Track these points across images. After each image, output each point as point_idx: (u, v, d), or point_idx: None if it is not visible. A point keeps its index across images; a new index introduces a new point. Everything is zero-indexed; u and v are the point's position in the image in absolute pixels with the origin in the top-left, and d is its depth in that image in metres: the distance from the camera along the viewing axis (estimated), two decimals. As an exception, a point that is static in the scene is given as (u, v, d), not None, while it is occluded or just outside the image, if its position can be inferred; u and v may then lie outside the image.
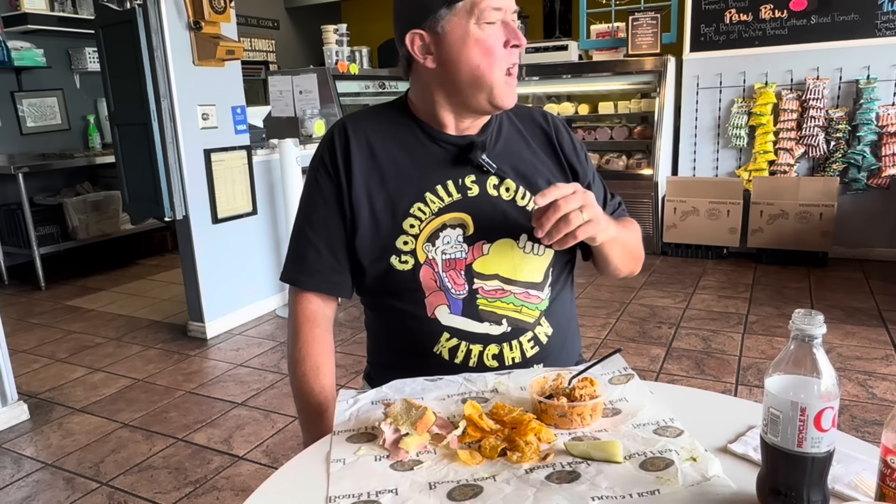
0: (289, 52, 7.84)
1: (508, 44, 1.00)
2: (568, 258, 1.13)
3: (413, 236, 1.04)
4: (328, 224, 1.07)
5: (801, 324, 0.64)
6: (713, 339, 3.10)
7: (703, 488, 0.72)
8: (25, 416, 2.57)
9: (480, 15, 0.98)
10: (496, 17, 0.99)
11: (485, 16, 0.98)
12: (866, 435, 2.19)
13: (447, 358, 1.05)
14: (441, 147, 1.08)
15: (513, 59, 1.02)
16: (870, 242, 4.33)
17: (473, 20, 0.99)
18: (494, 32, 1.00)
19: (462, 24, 0.99)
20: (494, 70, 1.00)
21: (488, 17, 0.98)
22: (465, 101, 1.05)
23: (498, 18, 0.99)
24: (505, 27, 1.00)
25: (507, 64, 1.01)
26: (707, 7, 4.48)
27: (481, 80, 1.01)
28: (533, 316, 1.08)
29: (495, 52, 1.00)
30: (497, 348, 1.06)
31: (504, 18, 1.00)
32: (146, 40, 2.95)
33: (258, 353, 3.17)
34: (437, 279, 1.04)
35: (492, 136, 1.10)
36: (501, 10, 0.99)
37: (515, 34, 1.01)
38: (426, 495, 0.73)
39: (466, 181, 1.06)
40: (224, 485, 2.09)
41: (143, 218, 3.44)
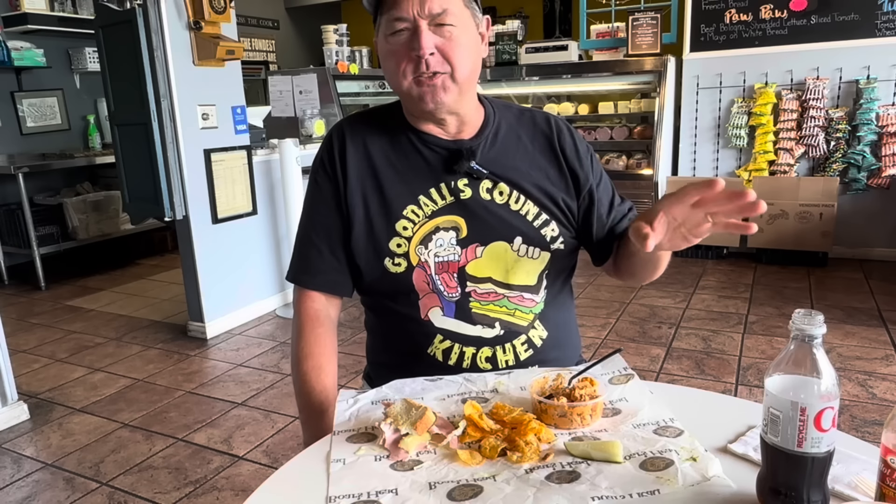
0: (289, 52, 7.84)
1: (412, 53, 0.98)
2: (566, 262, 1.12)
3: (406, 239, 1.05)
4: (328, 224, 1.09)
5: (801, 324, 0.64)
6: (713, 339, 3.10)
7: (703, 488, 0.72)
8: (25, 416, 2.57)
9: (387, 27, 1.00)
10: (400, 26, 0.98)
11: (389, 27, 0.99)
12: (866, 435, 2.19)
13: (441, 359, 1.06)
14: (433, 151, 1.07)
15: (420, 68, 0.98)
16: (870, 242, 4.33)
17: (384, 32, 1.01)
18: (399, 43, 0.99)
19: (381, 37, 1.02)
20: (400, 79, 1.01)
21: (391, 29, 0.99)
22: (406, 106, 1.08)
23: (403, 27, 0.98)
24: (412, 36, 0.98)
25: (414, 72, 0.99)
26: (707, 7, 4.48)
27: (396, 89, 1.04)
28: (526, 319, 1.08)
29: (397, 62, 1.00)
30: (490, 351, 1.06)
31: (415, 27, 0.97)
32: (146, 40, 2.95)
33: (258, 353, 3.17)
34: (429, 281, 1.05)
35: (487, 140, 1.09)
36: (405, 19, 0.97)
37: (416, 43, 0.97)
38: (426, 495, 0.73)
39: (459, 184, 1.06)
40: (224, 485, 2.09)
41: (143, 218, 3.44)
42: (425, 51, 0.97)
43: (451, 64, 0.99)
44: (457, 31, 0.99)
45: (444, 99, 1.01)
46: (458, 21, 0.99)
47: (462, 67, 1.00)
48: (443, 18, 0.97)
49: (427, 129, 1.08)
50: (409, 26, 0.98)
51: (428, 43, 0.97)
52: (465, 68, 1.01)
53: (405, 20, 0.97)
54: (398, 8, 0.97)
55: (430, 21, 0.97)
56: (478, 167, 1.06)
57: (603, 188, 1.15)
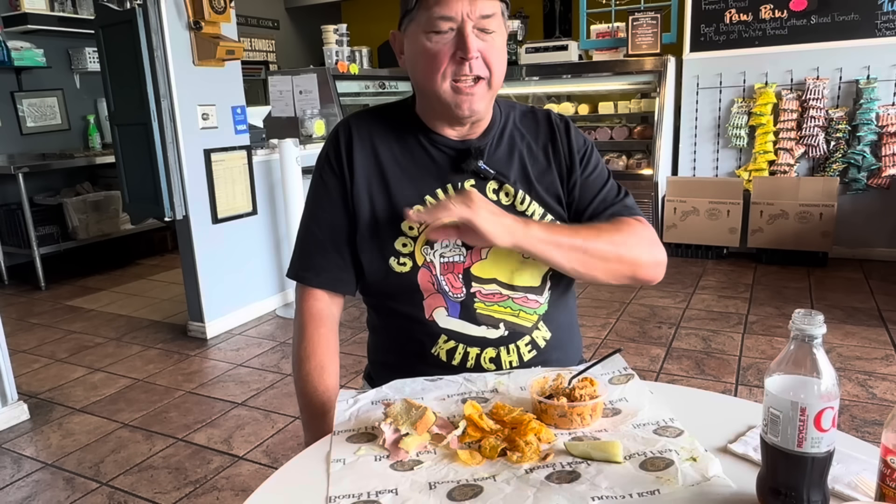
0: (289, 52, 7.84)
1: (455, 55, 0.96)
2: None
3: (412, 239, 1.05)
4: (333, 221, 1.08)
5: (801, 324, 0.64)
6: (713, 339, 3.10)
7: (703, 488, 0.72)
8: (25, 416, 2.57)
9: (427, 24, 0.96)
10: (445, 27, 0.95)
11: (432, 25, 0.96)
12: (866, 435, 2.19)
13: (445, 360, 1.06)
14: (441, 151, 1.07)
15: (462, 71, 0.97)
16: (870, 242, 4.33)
17: (423, 28, 0.97)
18: (441, 42, 0.96)
19: (415, 32, 0.99)
20: (437, 81, 0.98)
21: (435, 27, 0.96)
22: (432, 106, 1.05)
23: (449, 27, 0.95)
24: (457, 37, 0.96)
25: (455, 75, 0.97)
26: (707, 7, 4.48)
27: (427, 89, 1.01)
28: (531, 320, 1.08)
29: (437, 63, 0.97)
30: (494, 352, 1.06)
31: (461, 27, 0.95)
32: (146, 40, 2.95)
33: (258, 353, 3.17)
34: (434, 282, 1.05)
35: (493, 140, 1.08)
36: (453, 19, 0.95)
37: (463, 45, 0.95)
38: (426, 495, 0.73)
39: (465, 185, 1.06)
40: (224, 485, 2.09)
41: (143, 218, 3.44)
42: (472, 54, 0.95)
43: (491, 69, 0.99)
44: (497, 38, 0.98)
45: (478, 107, 1.01)
46: (498, 26, 0.98)
47: (499, 73, 1.00)
48: (488, 23, 0.96)
49: (439, 128, 1.07)
50: (455, 26, 0.95)
51: (475, 45, 0.96)
52: (501, 74, 1.01)
53: (452, 20, 0.95)
54: (446, 6, 0.94)
55: (475, 23, 0.95)
56: (485, 167, 1.05)
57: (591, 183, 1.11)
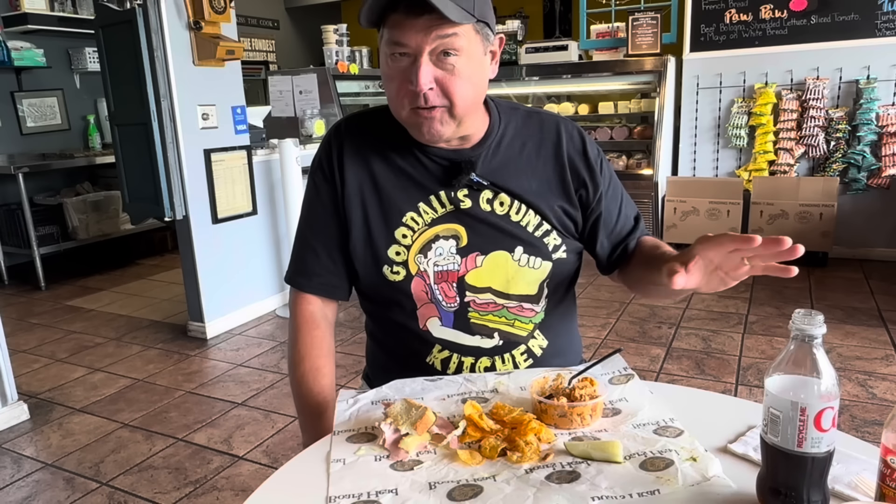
0: (289, 52, 7.84)
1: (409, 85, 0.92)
2: (568, 271, 1.09)
3: (405, 247, 1.03)
4: (325, 226, 1.07)
5: (801, 324, 0.64)
6: (713, 339, 3.10)
7: (703, 488, 0.72)
8: (25, 416, 2.57)
9: (388, 45, 0.93)
10: (399, 52, 0.92)
11: (389, 47, 0.93)
12: (866, 435, 2.19)
13: (440, 369, 1.06)
14: (433, 161, 1.04)
15: (417, 101, 0.93)
16: (870, 242, 4.33)
17: (385, 49, 0.94)
18: (398, 67, 0.93)
19: (383, 50, 0.96)
20: (398, 108, 0.96)
21: (391, 50, 0.93)
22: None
23: (402, 52, 0.92)
24: (412, 66, 0.91)
25: (411, 104, 0.94)
26: (707, 7, 4.48)
27: (394, 113, 0.99)
28: (526, 329, 1.07)
29: (395, 88, 0.95)
30: (489, 361, 1.06)
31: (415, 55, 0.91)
32: (146, 40, 2.95)
33: (258, 353, 3.17)
34: (428, 291, 1.04)
35: (489, 149, 1.05)
36: (406, 46, 0.91)
37: (414, 77, 0.91)
38: (426, 495, 0.73)
39: (459, 195, 1.03)
40: (224, 485, 2.09)
41: (143, 218, 3.43)
42: (423, 87, 0.91)
43: (451, 99, 0.94)
44: (460, 62, 0.92)
45: (441, 131, 0.96)
46: (465, 48, 0.92)
47: (462, 101, 0.94)
48: (451, 42, 0.91)
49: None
50: (410, 53, 0.92)
51: (426, 79, 0.91)
52: (466, 102, 0.95)
53: (406, 47, 0.91)
54: (401, 32, 0.90)
55: (432, 51, 0.91)
56: (478, 179, 1.02)
57: (612, 196, 1.10)
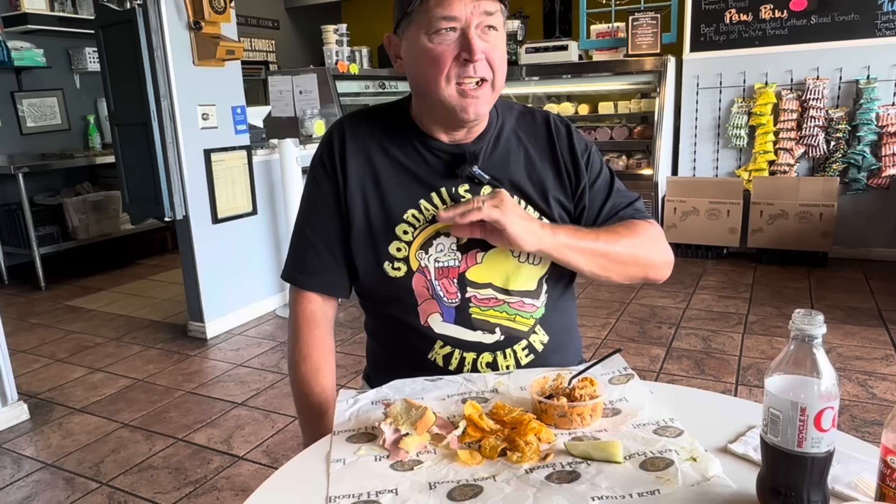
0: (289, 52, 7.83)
1: (460, 57, 0.94)
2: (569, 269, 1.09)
3: (406, 243, 1.04)
4: (326, 224, 1.07)
5: (801, 324, 0.64)
6: (713, 339, 3.10)
7: (703, 488, 0.72)
8: (25, 416, 2.57)
9: (430, 26, 0.93)
10: (447, 27, 0.93)
11: (434, 26, 0.93)
12: (866, 435, 2.19)
13: (441, 365, 1.06)
14: (435, 156, 1.05)
15: (467, 73, 0.95)
16: (870, 242, 4.33)
17: (423, 30, 0.94)
18: (444, 44, 0.94)
19: (415, 34, 0.96)
20: (440, 84, 0.96)
21: (438, 27, 0.93)
22: (432, 110, 1.03)
23: (451, 27, 0.93)
24: (461, 38, 0.93)
25: (458, 77, 0.95)
26: (707, 7, 4.48)
27: (429, 91, 0.99)
28: (527, 324, 1.07)
29: (441, 65, 0.94)
30: (490, 356, 1.06)
31: (464, 28, 0.93)
32: (146, 40, 2.95)
33: (258, 353, 3.17)
34: (429, 287, 1.04)
35: (488, 144, 1.07)
36: (456, 20, 0.92)
37: (468, 47, 0.93)
38: (426, 495, 0.73)
39: (460, 190, 1.05)
40: (224, 485, 2.09)
41: (143, 218, 3.43)
42: (478, 55, 0.93)
43: (494, 70, 0.97)
44: (499, 37, 0.96)
45: (482, 111, 0.99)
46: (500, 26, 0.97)
47: (501, 74, 0.98)
48: (491, 20, 0.94)
49: (434, 132, 1.05)
50: (458, 27, 0.93)
51: (480, 46, 0.93)
52: (503, 75, 0.99)
53: (455, 20, 0.92)
54: (448, 6, 0.92)
55: (478, 24, 0.93)
56: (480, 172, 1.04)
57: (598, 189, 1.12)
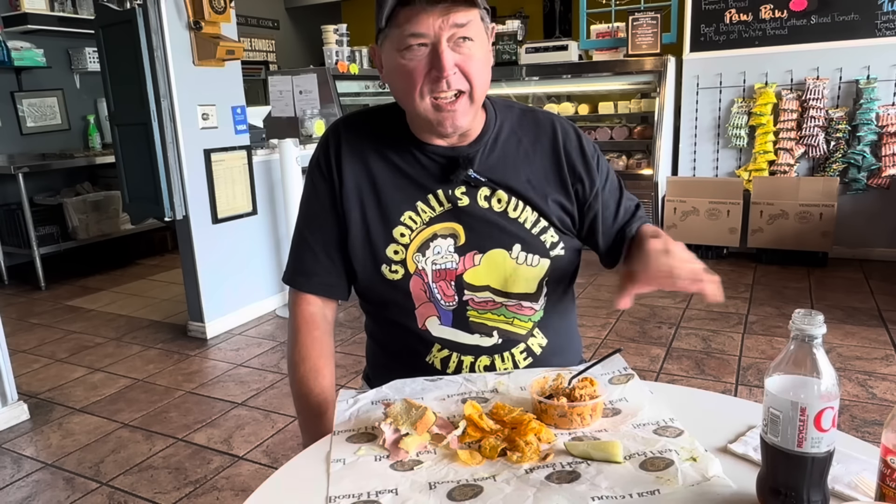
0: (289, 52, 7.83)
1: (431, 73, 0.93)
2: (567, 269, 1.10)
3: (403, 246, 1.04)
4: (323, 226, 1.08)
5: (801, 324, 0.64)
6: (713, 339, 3.10)
7: (703, 488, 0.72)
8: (25, 416, 2.57)
9: (400, 42, 0.93)
10: (416, 43, 0.92)
11: (404, 42, 0.93)
12: (866, 435, 2.19)
13: (439, 368, 1.06)
14: (431, 159, 1.05)
15: (440, 88, 0.93)
16: (870, 242, 4.33)
17: (395, 46, 0.94)
18: (415, 59, 0.93)
19: (389, 49, 0.96)
20: (415, 99, 0.95)
21: (405, 44, 0.93)
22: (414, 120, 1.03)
23: (420, 43, 0.92)
24: (431, 54, 0.92)
25: (432, 93, 0.94)
26: (707, 7, 4.48)
27: (407, 105, 0.99)
28: (525, 328, 1.07)
29: (413, 81, 0.94)
30: (488, 360, 1.06)
31: (435, 42, 0.92)
32: (146, 40, 2.95)
33: (258, 353, 3.17)
34: (426, 290, 1.04)
35: (486, 146, 1.05)
36: (424, 36, 0.91)
37: (437, 63, 0.92)
38: (426, 495, 0.73)
39: (457, 192, 1.04)
40: (224, 485, 2.09)
41: (143, 218, 3.43)
42: (448, 71, 0.92)
43: (471, 82, 0.95)
44: (475, 47, 0.95)
45: (461, 123, 0.98)
46: (476, 35, 0.95)
47: (480, 85, 0.97)
48: (465, 31, 0.93)
49: (428, 138, 1.05)
50: (429, 42, 0.92)
51: (450, 62, 0.92)
52: (483, 85, 0.97)
53: (424, 36, 0.92)
54: (416, 23, 0.91)
55: (450, 37, 0.92)
56: (475, 175, 1.03)
57: (609, 191, 1.12)
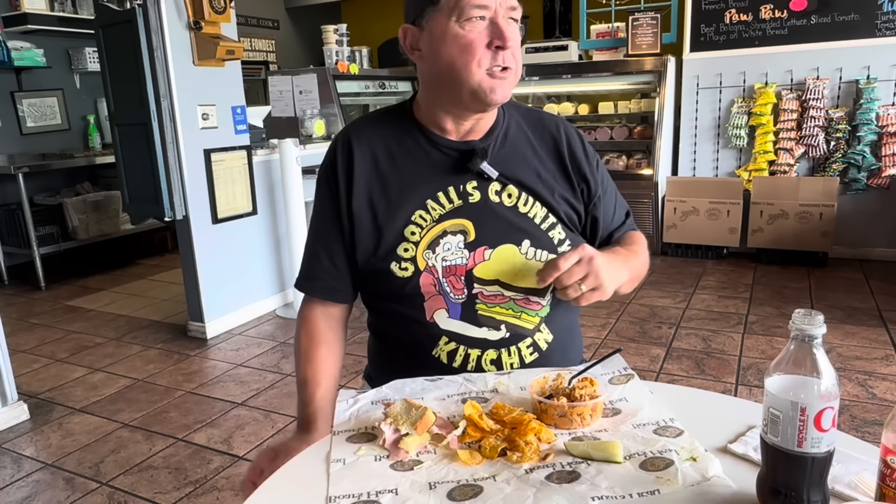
0: (289, 52, 7.83)
1: (492, 44, 0.97)
2: None
3: (414, 243, 1.04)
4: (328, 233, 1.09)
5: (801, 324, 0.64)
6: (713, 339, 3.10)
7: (703, 488, 0.72)
8: (25, 416, 2.57)
9: (461, 13, 0.96)
10: (478, 15, 0.96)
11: (465, 13, 0.96)
12: (866, 435, 2.19)
13: (445, 361, 1.06)
14: (442, 153, 1.07)
15: (496, 60, 0.97)
16: (870, 242, 4.33)
17: (454, 18, 0.97)
18: (475, 31, 0.97)
19: (443, 21, 0.98)
20: (471, 68, 0.97)
21: (469, 15, 0.96)
22: (452, 98, 1.03)
23: (481, 16, 0.96)
24: (491, 27, 0.97)
25: (489, 64, 0.97)
26: (707, 7, 4.48)
27: (458, 77, 0.99)
28: (532, 322, 1.08)
29: (472, 51, 0.97)
30: (495, 353, 1.06)
31: (493, 17, 0.96)
32: (146, 40, 2.95)
33: (258, 353, 3.17)
34: (436, 284, 1.04)
35: (496, 140, 1.08)
36: (487, 8, 0.96)
37: (499, 34, 0.96)
38: (426, 495, 0.73)
39: (468, 187, 1.06)
40: (224, 485, 2.09)
41: (143, 218, 3.43)
42: (509, 42, 0.96)
43: (516, 60, 1.00)
44: (519, 32, 1.00)
45: (507, 93, 1.01)
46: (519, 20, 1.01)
47: (521, 65, 1.02)
48: (515, 14, 0.98)
49: (441, 130, 1.06)
50: (488, 16, 0.96)
51: (512, 34, 0.97)
52: (520, 69, 1.02)
53: (486, 9, 0.96)
54: None
55: (504, 13, 0.97)
56: (489, 168, 1.05)
57: (608, 196, 1.16)
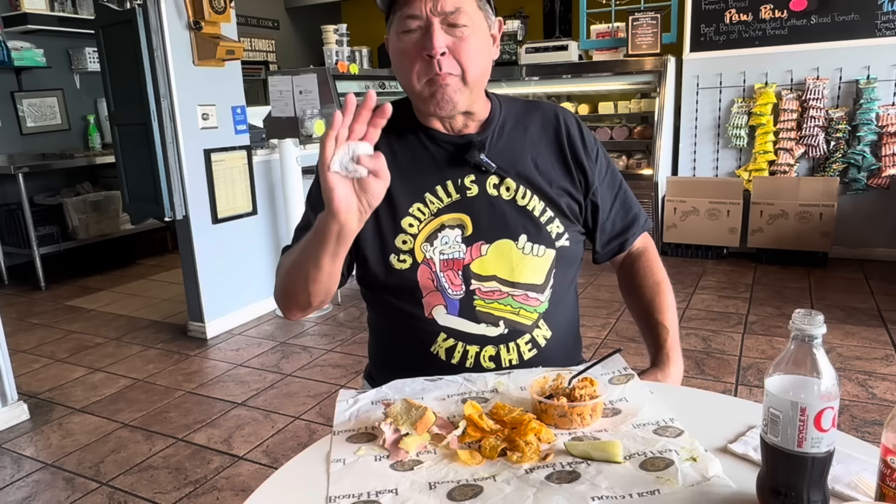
0: (289, 52, 7.83)
1: (422, 53, 0.97)
2: (571, 260, 1.11)
3: (412, 236, 1.05)
4: None
5: (801, 324, 0.64)
6: (713, 339, 3.10)
7: (703, 488, 0.72)
8: (25, 416, 2.57)
9: (399, 24, 0.98)
10: (412, 27, 0.97)
11: (402, 25, 0.98)
12: (866, 435, 2.19)
13: (444, 358, 1.06)
14: (440, 147, 1.08)
15: (433, 69, 0.97)
16: (870, 242, 4.33)
17: (396, 30, 0.99)
18: (410, 42, 0.98)
19: (392, 35, 1.01)
20: (412, 80, 0.99)
21: (405, 27, 0.97)
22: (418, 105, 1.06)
23: (415, 27, 0.97)
24: (423, 35, 0.97)
25: (427, 74, 0.98)
26: (707, 7, 4.48)
27: (407, 88, 1.02)
28: (531, 318, 1.08)
29: (409, 62, 0.98)
30: (494, 350, 1.06)
31: (426, 25, 0.96)
32: (146, 40, 2.95)
33: (258, 353, 3.17)
34: (434, 279, 1.05)
35: (493, 134, 1.09)
36: (418, 18, 0.96)
37: (427, 43, 0.96)
38: (426, 495, 0.73)
39: (466, 181, 1.06)
40: (224, 485, 2.09)
41: (143, 218, 3.44)
42: (437, 50, 0.96)
43: (462, 65, 0.99)
44: (468, 32, 0.98)
45: (455, 99, 1.00)
46: (471, 21, 0.98)
47: (473, 69, 1.00)
48: (455, 18, 0.97)
49: (434, 125, 1.08)
50: (422, 24, 0.97)
51: (440, 42, 0.96)
52: (476, 69, 1.00)
53: (417, 18, 0.96)
54: (411, 6, 0.96)
55: (442, 20, 0.96)
56: (487, 160, 1.06)
57: (608, 185, 1.15)
